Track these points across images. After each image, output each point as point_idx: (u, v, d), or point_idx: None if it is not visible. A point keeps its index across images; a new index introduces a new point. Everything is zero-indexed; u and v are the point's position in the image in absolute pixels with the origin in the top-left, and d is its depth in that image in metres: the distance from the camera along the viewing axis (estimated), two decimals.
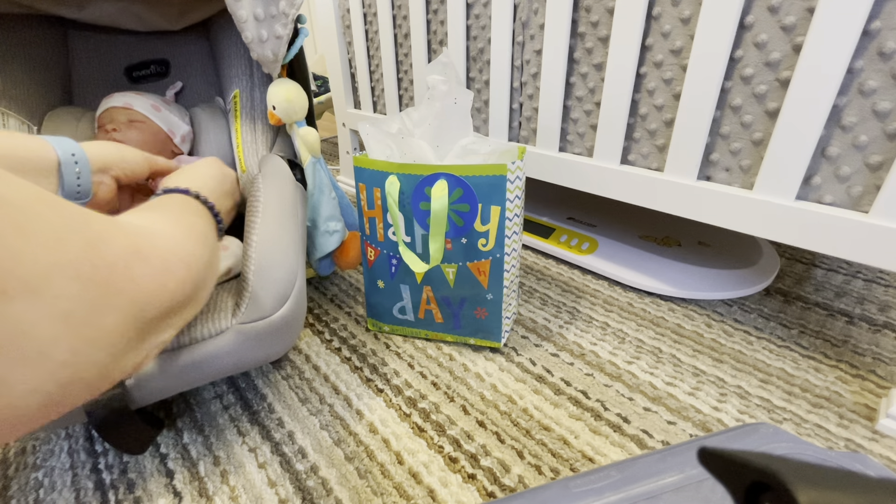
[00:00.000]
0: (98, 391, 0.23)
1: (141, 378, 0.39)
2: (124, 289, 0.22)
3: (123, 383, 0.39)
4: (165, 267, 0.25)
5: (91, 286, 0.20)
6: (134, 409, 0.40)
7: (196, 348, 0.41)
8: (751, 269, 0.69)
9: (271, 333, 0.43)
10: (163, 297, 0.25)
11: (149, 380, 0.40)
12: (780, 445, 0.32)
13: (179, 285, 0.26)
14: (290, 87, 0.58)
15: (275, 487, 0.44)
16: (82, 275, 0.20)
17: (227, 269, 0.50)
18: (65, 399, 0.21)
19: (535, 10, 0.63)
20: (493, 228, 0.52)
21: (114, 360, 0.22)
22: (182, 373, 0.41)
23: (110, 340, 0.22)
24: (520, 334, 0.62)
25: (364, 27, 0.93)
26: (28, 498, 0.44)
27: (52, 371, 0.19)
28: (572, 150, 0.68)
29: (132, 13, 0.64)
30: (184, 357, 0.40)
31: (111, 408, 0.38)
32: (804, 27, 0.44)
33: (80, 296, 0.20)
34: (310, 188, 0.60)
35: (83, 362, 0.20)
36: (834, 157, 0.46)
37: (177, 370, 0.40)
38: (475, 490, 0.43)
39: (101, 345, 0.21)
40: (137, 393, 0.40)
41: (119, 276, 0.22)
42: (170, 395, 0.42)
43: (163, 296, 0.25)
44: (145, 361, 0.26)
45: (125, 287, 0.22)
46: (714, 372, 0.54)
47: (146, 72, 0.71)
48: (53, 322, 0.19)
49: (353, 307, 0.70)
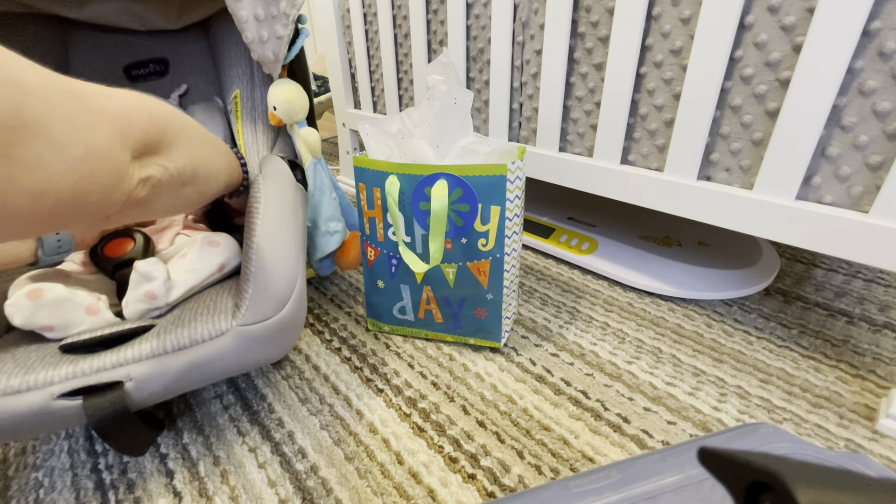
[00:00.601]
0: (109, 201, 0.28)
1: (141, 379, 0.39)
2: (98, 112, 0.27)
3: (122, 385, 0.39)
4: (127, 105, 0.30)
5: (77, 102, 0.26)
6: (134, 410, 0.40)
7: (196, 350, 0.41)
8: (751, 269, 0.69)
9: (271, 336, 0.43)
10: (133, 129, 0.30)
11: (148, 381, 0.40)
12: (780, 445, 0.32)
13: (144, 125, 0.31)
14: (291, 87, 0.58)
15: (275, 487, 0.44)
16: (69, 92, 0.25)
17: (219, 265, 0.50)
18: (85, 193, 0.26)
19: (535, 10, 0.63)
20: (493, 228, 0.52)
21: (116, 172, 0.28)
22: (182, 375, 0.41)
23: (108, 151, 0.27)
24: (520, 334, 0.62)
25: (364, 27, 0.93)
26: (28, 498, 0.44)
27: (71, 162, 0.25)
28: (572, 150, 0.68)
29: (131, 12, 0.64)
30: (183, 359, 0.40)
31: (111, 409, 0.38)
32: (804, 27, 0.44)
33: (73, 107, 0.25)
34: (310, 189, 0.60)
35: (93, 163, 0.26)
36: (834, 157, 0.46)
37: (176, 372, 0.40)
38: (475, 490, 0.43)
39: (102, 153, 0.27)
40: (137, 395, 0.40)
41: (90, 102, 0.27)
42: (170, 397, 0.42)
43: (133, 128, 0.30)
44: (136, 191, 0.31)
45: (98, 111, 0.27)
46: (714, 372, 0.54)
47: (145, 71, 0.71)
48: (63, 123, 0.24)
49: (353, 307, 0.70)
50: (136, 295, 0.44)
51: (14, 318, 0.40)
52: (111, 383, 0.38)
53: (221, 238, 0.52)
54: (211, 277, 0.49)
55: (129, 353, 0.40)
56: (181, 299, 0.47)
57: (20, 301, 0.40)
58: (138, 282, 0.44)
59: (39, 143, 0.23)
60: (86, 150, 0.25)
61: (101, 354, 0.40)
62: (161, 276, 0.44)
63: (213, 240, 0.51)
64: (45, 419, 0.37)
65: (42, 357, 0.40)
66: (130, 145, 0.29)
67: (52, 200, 0.25)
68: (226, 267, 0.51)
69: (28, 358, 0.40)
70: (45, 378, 0.37)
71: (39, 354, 0.40)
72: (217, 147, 0.44)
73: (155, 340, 0.41)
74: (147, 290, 0.44)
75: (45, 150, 0.23)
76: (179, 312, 0.45)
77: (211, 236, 0.52)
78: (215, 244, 0.51)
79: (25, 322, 0.41)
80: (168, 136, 0.34)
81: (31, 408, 0.36)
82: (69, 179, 0.25)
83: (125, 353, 0.40)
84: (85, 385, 0.38)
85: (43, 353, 0.40)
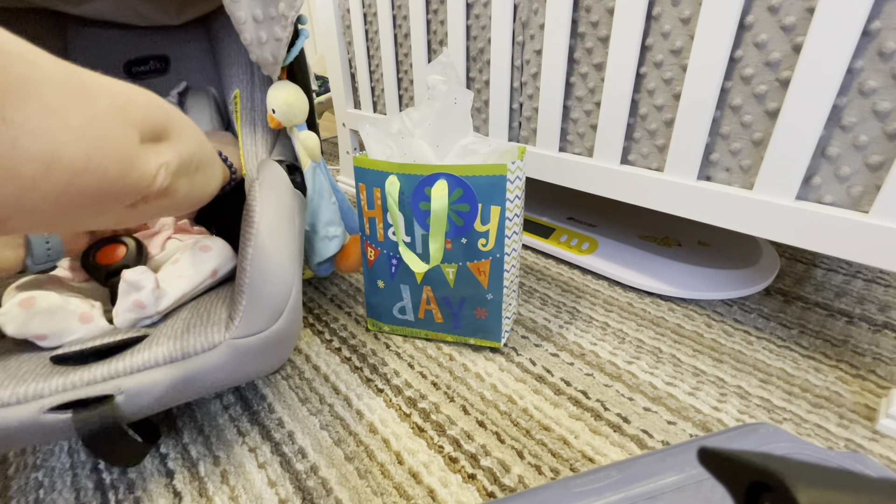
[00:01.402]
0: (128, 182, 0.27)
1: (132, 392, 0.38)
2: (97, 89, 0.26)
3: (112, 398, 0.38)
4: (127, 92, 0.29)
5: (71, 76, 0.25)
6: (125, 423, 0.39)
7: (188, 363, 0.40)
8: (751, 269, 0.69)
9: (265, 349, 0.43)
10: (136, 108, 0.29)
11: (139, 395, 0.39)
12: (780, 445, 0.32)
13: (145, 109, 0.30)
14: (290, 90, 0.57)
15: (275, 487, 0.44)
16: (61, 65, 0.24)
17: (212, 270, 0.49)
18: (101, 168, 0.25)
19: (535, 10, 0.63)
20: (493, 228, 0.52)
21: (128, 149, 0.27)
22: (173, 388, 0.40)
23: (113, 123, 0.26)
24: (520, 334, 0.62)
25: (364, 27, 0.93)
26: (28, 498, 0.44)
27: (77, 132, 0.24)
28: (572, 150, 0.68)
29: (131, 7, 0.64)
30: (175, 371, 0.40)
31: (100, 424, 0.37)
32: (804, 27, 0.44)
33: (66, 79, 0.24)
34: (309, 193, 0.60)
35: (100, 135, 0.25)
36: (834, 157, 0.46)
37: (168, 385, 0.40)
38: (475, 490, 0.43)
39: (107, 124, 0.26)
40: (128, 408, 0.39)
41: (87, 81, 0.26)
42: (161, 409, 0.42)
43: (136, 107, 0.29)
44: (157, 178, 0.30)
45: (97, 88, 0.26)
46: (714, 372, 0.55)
47: (145, 67, 0.71)
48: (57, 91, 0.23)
49: (353, 307, 0.70)
50: (125, 305, 0.43)
51: (7, 327, 0.40)
52: (101, 397, 0.38)
53: (213, 242, 0.51)
54: (204, 283, 0.49)
55: (119, 366, 0.39)
56: (173, 307, 0.46)
57: (12, 310, 0.39)
58: (126, 291, 0.43)
59: (37, 108, 0.22)
60: (89, 121, 0.25)
61: (92, 367, 0.39)
62: (149, 286, 0.43)
63: (204, 244, 0.50)
64: (35, 432, 0.37)
65: (33, 368, 0.39)
66: (135, 123, 0.29)
67: (67, 171, 0.24)
68: (219, 272, 0.50)
69: (19, 369, 0.39)
70: (36, 391, 0.37)
71: (30, 365, 0.39)
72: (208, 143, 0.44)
73: (147, 352, 0.40)
74: (136, 300, 0.43)
75: (44, 116, 0.23)
76: (172, 322, 0.44)
77: (203, 240, 0.51)
78: (207, 249, 0.50)
79: (18, 331, 0.40)
80: (173, 120, 0.33)
81: (20, 421, 0.36)
82: (79, 149, 0.24)
83: (116, 366, 0.39)
84: (75, 399, 0.37)
85: (34, 364, 0.40)
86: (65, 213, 0.26)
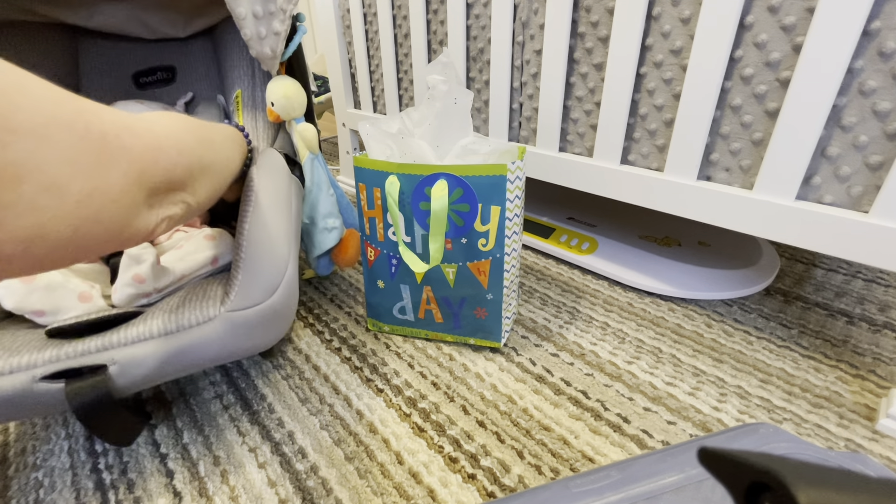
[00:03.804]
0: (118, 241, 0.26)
1: (125, 365, 0.39)
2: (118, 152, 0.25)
3: (105, 369, 0.38)
4: (157, 145, 0.28)
5: (87, 142, 0.23)
6: (118, 398, 0.39)
7: (183, 335, 0.40)
8: (751, 269, 0.69)
9: (260, 322, 0.43)
10: (156, 170, 0.28)
11: (133, 366, 0.39)
12: (780, 445, 0.32)
13: (171, 165, 0.29)
14: (289, 83, 0.58)
15: (275, 487, 0.44)
16: (77, 130, 0.23)
17: (213, 257, 0.50)
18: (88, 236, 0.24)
19: (535, 10, 0.63)
20: (493, 228, 0.52)
21: (126, 215, 0.26)
22: (167, 360, 0.40)
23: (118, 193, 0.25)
24: (520, 334, 0.62)
25: (364, 27, 0.93)
26: (28, 498, 0.44)
27: (72, 206, 0.23)
28: (572, 150, 0.68)
29: (140, 20, 0.66)
30: (169, 344, 0.40)
31: (93, 394, 0.37)
32: (804, 27, 0.44)
33: (80, 147, 0.23)
34: (308, 185, 0.60)
35: (98, 206, 0.24)
36: (834, 157, 0.46)
37: (162, 357, 0.40)
38: (475, 490, 0.43)
39: (112, 195, 0.25)
40: (121, 380, 0.39)
41: (112, 141, 0.25)
42: (155, 383, 0.41)
43: (156, 169, 0.28)
44: (156, 231, 0.29)
45: (119, 151, 0.25)
46: (714, 372, 0.54)
47: (153, 78, 0.72)
48: (63, 164, 0.22)
49: (353, 307, 0.70)
50: (124, 279, 0.44)
51: (5, 301, 0.40)
52: (94, 367, 0.38)
53: (218, 233, 0.53)
54: (204, 269, 0.50)
55: (114, 338, 0.39)
56: (172, 287, 0.47)
57: (12, 284, 0.40)
58: (127, 265, 0.44)
59: (32, 188, 0.21)
60: (91, 193, 0.24)
61: (87, 339, 0.39)
62: (150, 259, 0.44)
63: (209, 234, 0.52)
64: (28, 402, 0.37)
65: (28, 341, 0.39)
66: (148, 185, 0.27)
67: (48, 246, 0.23)
68: (219, 260, 0.51)
69: (14, 341, 0.39)
70: (29, 361, 0.37)
71: (26, 339, 0.40)
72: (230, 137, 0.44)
73: (141, 325, 0.40)
74: (135, 273, 0.44)
75: (39, 194, 0.21)
76: (169, 300, 0.45)
77: (208, 231, 0.53)
78: (211, 238, 0.51)
79: (17, 305, 0.40)
80: (195, 172, 0.32)
81: (13, 390, 0.36)
82: (68, 224, 0.23)
83: (110, 338, 0.39)
84: (68, 367, 0.37)
85: (29, 338, 0.40)
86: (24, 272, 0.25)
